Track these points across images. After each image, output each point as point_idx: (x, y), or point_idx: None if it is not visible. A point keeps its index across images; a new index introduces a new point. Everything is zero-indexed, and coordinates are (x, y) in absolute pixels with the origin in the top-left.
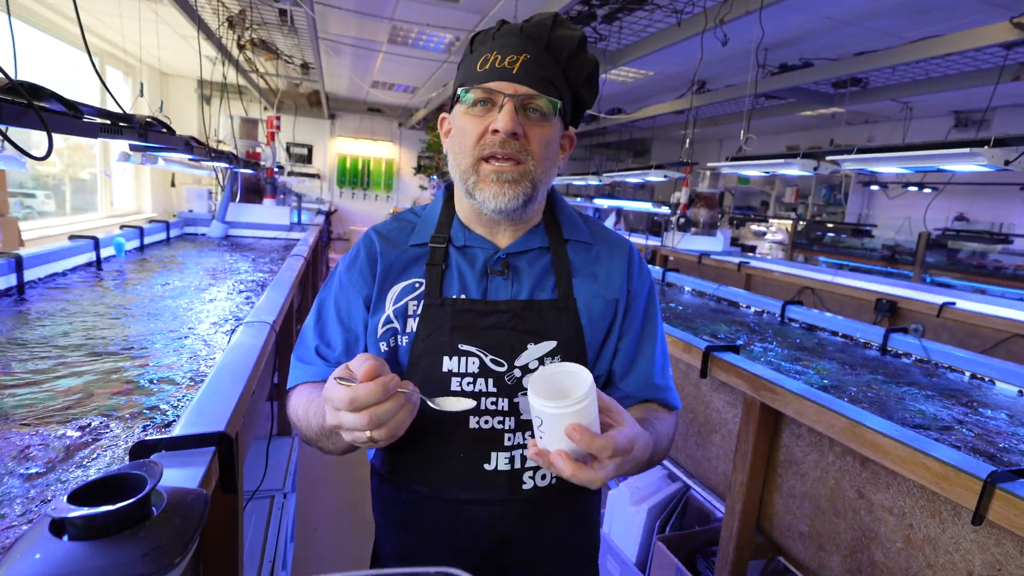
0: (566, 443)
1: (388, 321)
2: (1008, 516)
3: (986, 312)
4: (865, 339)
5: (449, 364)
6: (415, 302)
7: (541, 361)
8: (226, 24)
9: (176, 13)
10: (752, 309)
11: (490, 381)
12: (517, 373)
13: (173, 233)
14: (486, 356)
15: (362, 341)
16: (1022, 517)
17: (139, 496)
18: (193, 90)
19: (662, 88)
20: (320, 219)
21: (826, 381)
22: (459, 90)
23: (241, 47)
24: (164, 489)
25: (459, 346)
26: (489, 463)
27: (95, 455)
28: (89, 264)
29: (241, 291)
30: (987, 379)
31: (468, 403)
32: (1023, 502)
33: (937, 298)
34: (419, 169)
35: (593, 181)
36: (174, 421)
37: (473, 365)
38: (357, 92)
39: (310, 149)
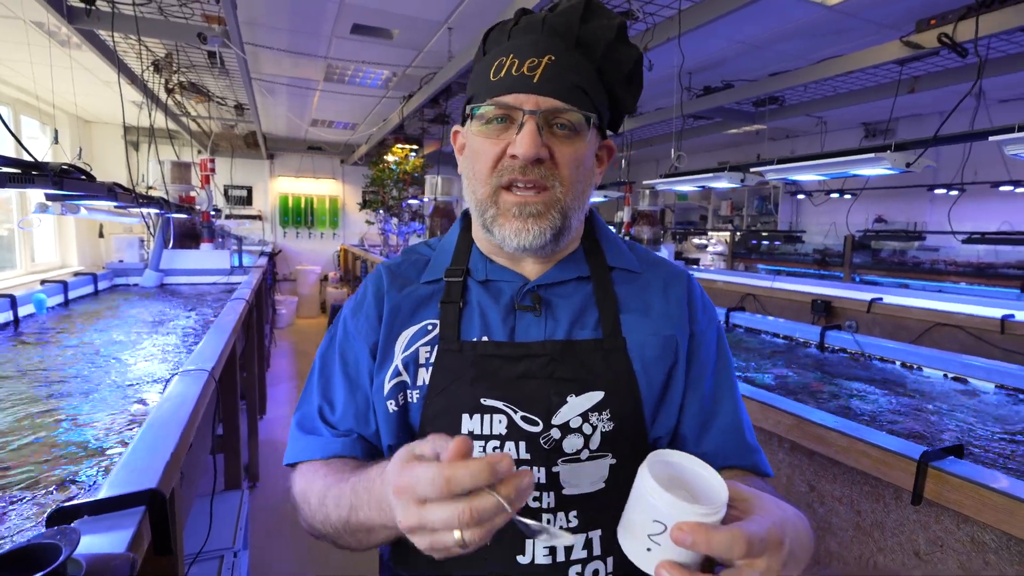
0: (677, 554)
1: (396, 373)
2: (942, 493)
3: (910, 305)
4: (804, 338)
5: (470, 424)
6: (427, 348)
7: (584, 417)
8: (152, 68)
9: (95, 58)
10: None
11: (522, 445)
12: (555, 434)
13: (102, 285)
14: (516, 413)
15: (372, 401)
16: (954, 492)
17: (50, 568)
18: (120, 136)
19: None
20: (263, 261)
21: (768, 377)
22: (469, 107)
23: (169, 91)
24: (83, 557)
25: (482, 400)
26: (524, 555)
27: (8, 529)
28: (6, 324)
29: (175, 341)
30: (916, 367)
31: (568, 540)
32: (953, 478)
33: (866, 295)
34: (364, 204)
35: None
36: (100, 485)
37: (500, 425)
38: (296, 131)
39: (249, 190)
